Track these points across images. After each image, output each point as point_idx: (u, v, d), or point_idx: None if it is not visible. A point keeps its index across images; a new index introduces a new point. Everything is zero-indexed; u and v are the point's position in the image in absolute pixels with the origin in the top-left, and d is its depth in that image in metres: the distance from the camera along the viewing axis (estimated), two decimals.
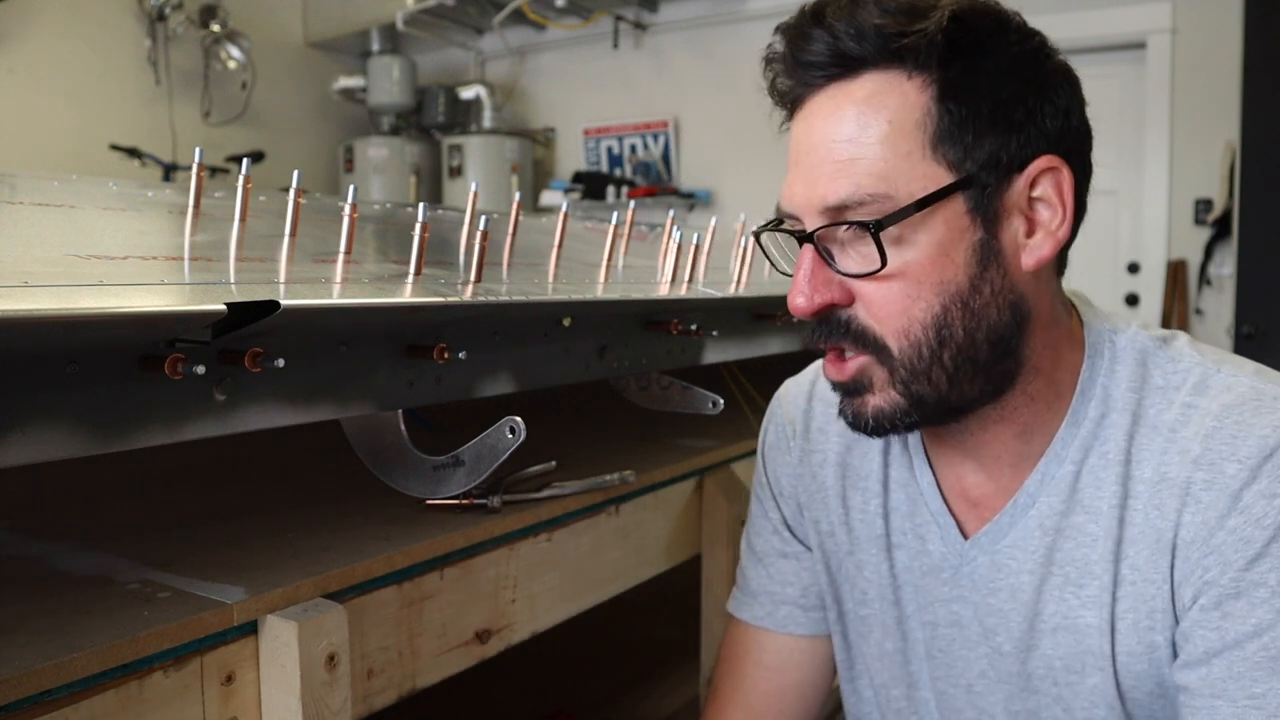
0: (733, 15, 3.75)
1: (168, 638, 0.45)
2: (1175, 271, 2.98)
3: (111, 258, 0.51)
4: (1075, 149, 0.55)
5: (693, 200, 3.83)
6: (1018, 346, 0.56)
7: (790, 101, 0.58)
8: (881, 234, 0.52)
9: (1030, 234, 0.55)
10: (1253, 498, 0.51)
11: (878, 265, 0.52)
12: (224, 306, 0.41)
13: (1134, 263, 3.09)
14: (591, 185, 3.91)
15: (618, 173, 4.04)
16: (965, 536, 0.62)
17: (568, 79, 4.23)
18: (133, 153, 3.47)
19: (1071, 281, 0.62)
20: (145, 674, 0.44)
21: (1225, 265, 2.86)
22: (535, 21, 3.93)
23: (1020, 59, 0.54)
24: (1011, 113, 0.53)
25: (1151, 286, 3.02)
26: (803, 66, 0.55)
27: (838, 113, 0.54)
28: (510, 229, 0.87)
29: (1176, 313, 2.96)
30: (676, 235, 0.85)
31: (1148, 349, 0.58)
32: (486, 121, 4.20)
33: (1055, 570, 0.58)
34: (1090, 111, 0.57)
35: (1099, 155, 0.58)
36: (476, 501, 0.65)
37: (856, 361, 0.56)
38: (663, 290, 0.82)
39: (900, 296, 0.54)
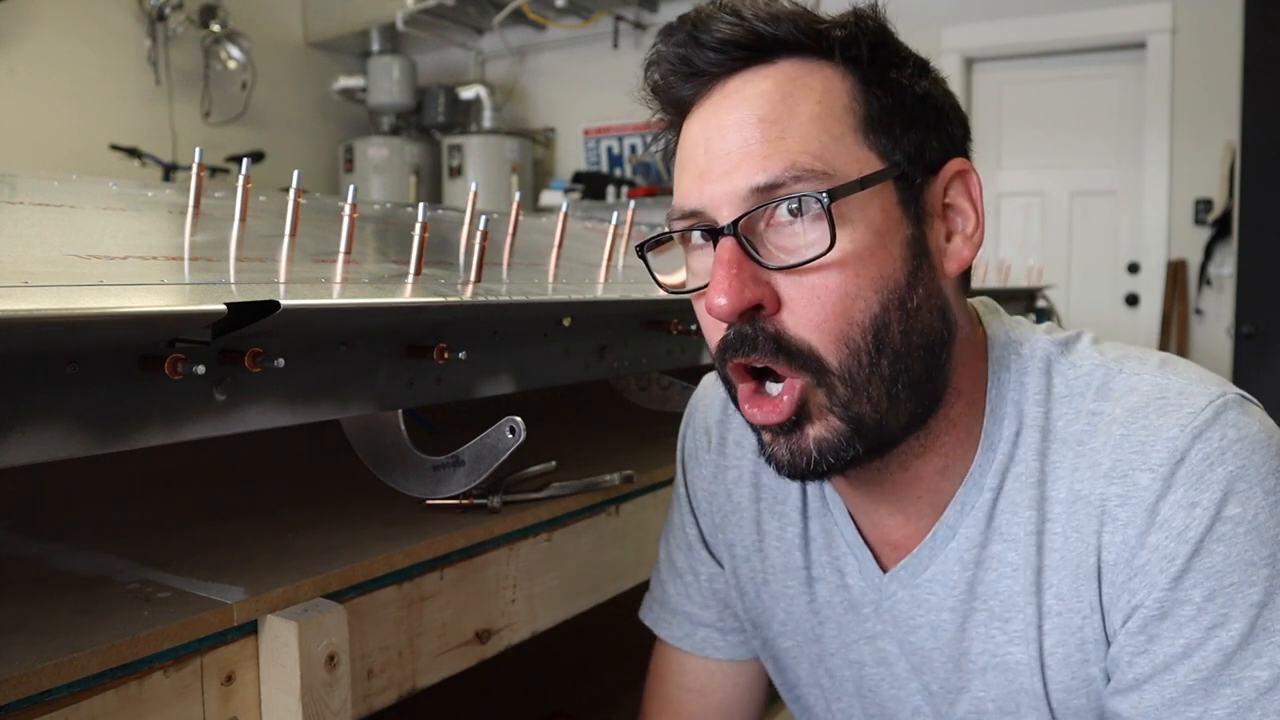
0: None
1: (168, 638, 0.45)
2: (1175, 271, 2.98)
3: (111, 258, 0.51)
4: (967, 157, 0.53)
5: None
6: (945, 361, 0.51)
7: (684, 104, 0.52)
8: (814, 221, 0.47)
9: (949, 238, 0.52)
10: (1170, 509, 0.47)
11: (823, 248, 0.46)
12: (224, 306, 0.41)
13: (1134, 263, 3.09)
14: (591, 185, 3.91)
15: (618, 173, 4.04)
16: (884, 570, 0.58)
17: (568, 79, 4.23)
18: (133, 153, 3.48)
19: (1072, 281, 0.61)
20: (145, 674, 0.44)
21: (1225, 265, 2.87)
22: (535, 21, 3.93)
23: (919, 63, 0.52)
24: (926, 111, 0.51)
25: (1151, 286, 3.02)
26: (711, 51, 0.50)
27: (757, 94, 0.49)
28: (510, 229, 0.87)
29: (1176, 313, 2.96)
30: None
31: (1051, 355, 0.54)
32: (486, 121, 4.20)
33: (979, 605, 0.54)
34: (1090, 111, 0.55)
35: (1100, 155, 0.56)
36: (477, 501, 0.65)
37: (792, 388, 0.49)
38: (662, 291, 0.82)
39: (838, 294, 0.47)
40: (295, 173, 0.64)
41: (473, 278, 0.62)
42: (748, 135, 0.48)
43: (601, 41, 4.00)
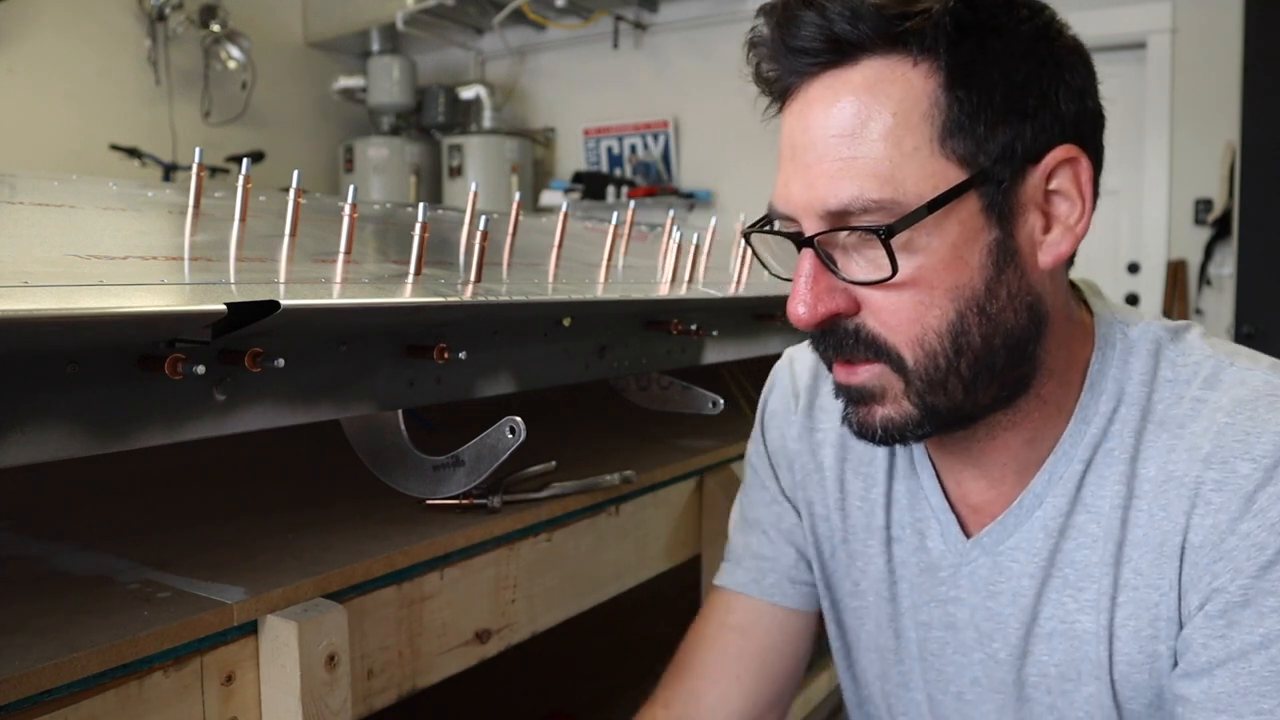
0: (733, 15, 3.74)
1: (168, 638, 0.45)
2: (1175, 271, 2.98)
3: (111, 258, 0.51)
4: (1090, 135, 0.51)
5: (693, 200, 3.82)
6: (1034, 350, 0.52)
7: (780, 90, 0.52)
8: (879, 241, 0.47)
9: (1047, 230, 0.51)
10: (1267, 500, 0.48)
11: (887, 273, 0.48)
12: (224, 306, 0.41)
13: (1134, 263, 3.09)
14: (591, 185, 3.91)
15: (618, 173, 4.04)
16: (967, 536, 0.59)
17: (568, 79, 4.23)
18: (133, 153, 3.48)
19: None
20: (145, 674, 0.44)
21: (1225, 265, 2.86)
22: (535, 21, 3.93)
23: (1032, 37, 0.49)
24: (1026, 98, 0.48)
25: (1151, 286, 3.02)
26: (793, 52, 0.49)
27: (835, 105, 0.49)
28: (510, 229, 0.87)
29: (1176, 313, 2.96)
30: (676, 235, 0.85)
31: (1161, 339, 0.55)
32: (486, 121, 4.20)
33: (1055, 572, 0.55)
34: None
35: None
36: (477, 501, 0.65)
37: (870, 369, 0.51)
38: (663, 290, 0.82)
39: (912, 304, 0.49)
40: (295, 173, 0.64)
41: (473, 278, 0.62)
42: (823, 152, 0.49)
43: (601, 41, 4.00)
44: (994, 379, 0.52)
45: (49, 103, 3.40)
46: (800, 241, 0.51)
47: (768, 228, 0.55)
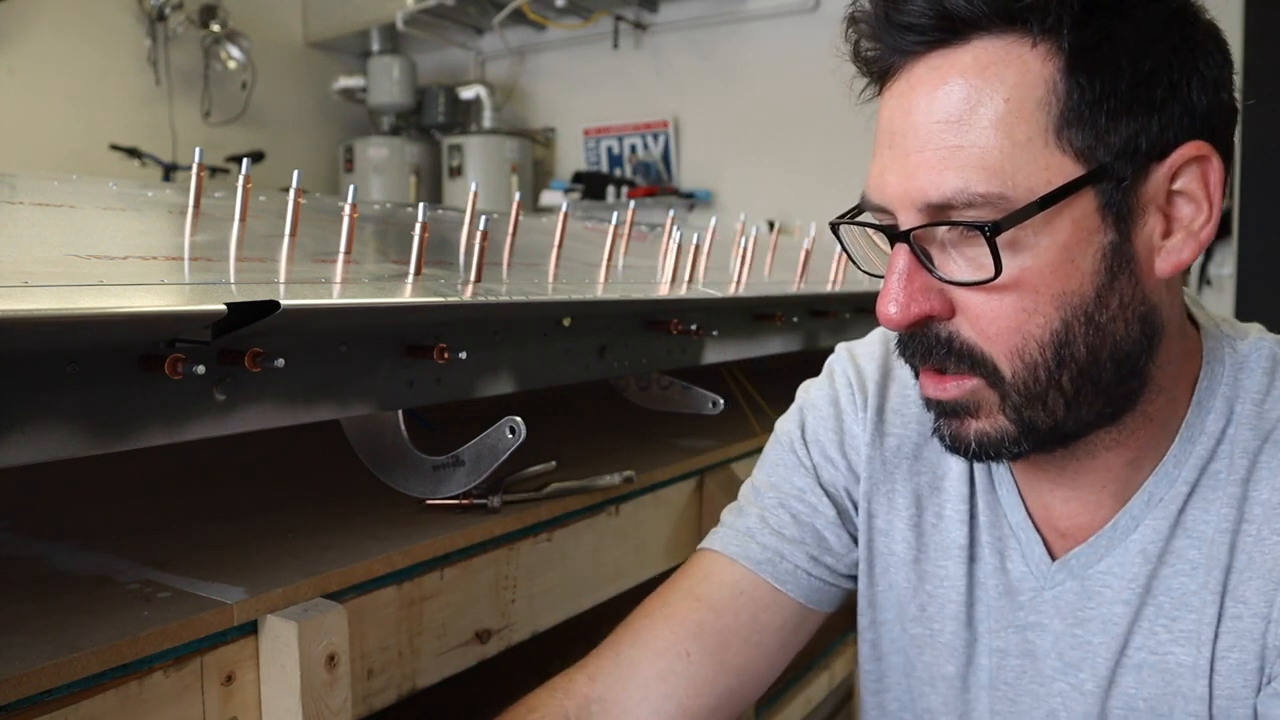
0: (733, 15, 3.74)
1: (168, 638, 0.45)
2: None
3: (111, 258, 0.51)
4: (1223, 131, 0.46)
5: (693, 200, 3.82)
6: (1145, 364, 0.48)
7: (880, 71, 0.48)
8: (981, 239, 0.43)
9: (1168, 234, 0.46)
10: None
11: (990, 274, 0.43)
12: (224, 306, 0.41)
13: None
14: (591, 185, 3.91)
15: (618, 173, 4.04)
16: (1052, 558, 0.55)
17: (568, 79, 4.23)
18: (133, 153, 3.47)
19: None
20: (145, 674, 0.44)
21: (1225, 265, 2.86)
22: (535, 21, 3.93)
23: (1165, 21, 0.44)
24: (1154, 88, 0.43)
25: None
26: (898, 29, 0.45)
27: (942, 87, 0.44)
28: (510, 229, 0.87)
29: None
30: (676, 235, 0.85)
31: (1277, 355, 0.51)
32: (486, 121, 4.20)
33: (1149, 600, 0.51)
34: None
35: None
36: (477, 501, 0.65)
37: (962, 383, 0.47)
38: (663, 290, 0.81)
39: (1014, 310, 0.45)
40: (295, 173, 0.64)
41: (473, 278, 0.61)
42: (925, 139, 0.45)
43: (601, 41, 4.00)
44: (1099, 395, 0.47)
45: (49, 103, 3.40)
46: (895, 236, 0.46)
47: (857, 218, 0.50)
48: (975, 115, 0.44)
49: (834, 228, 0.53)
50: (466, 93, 4.26)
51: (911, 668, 0.61)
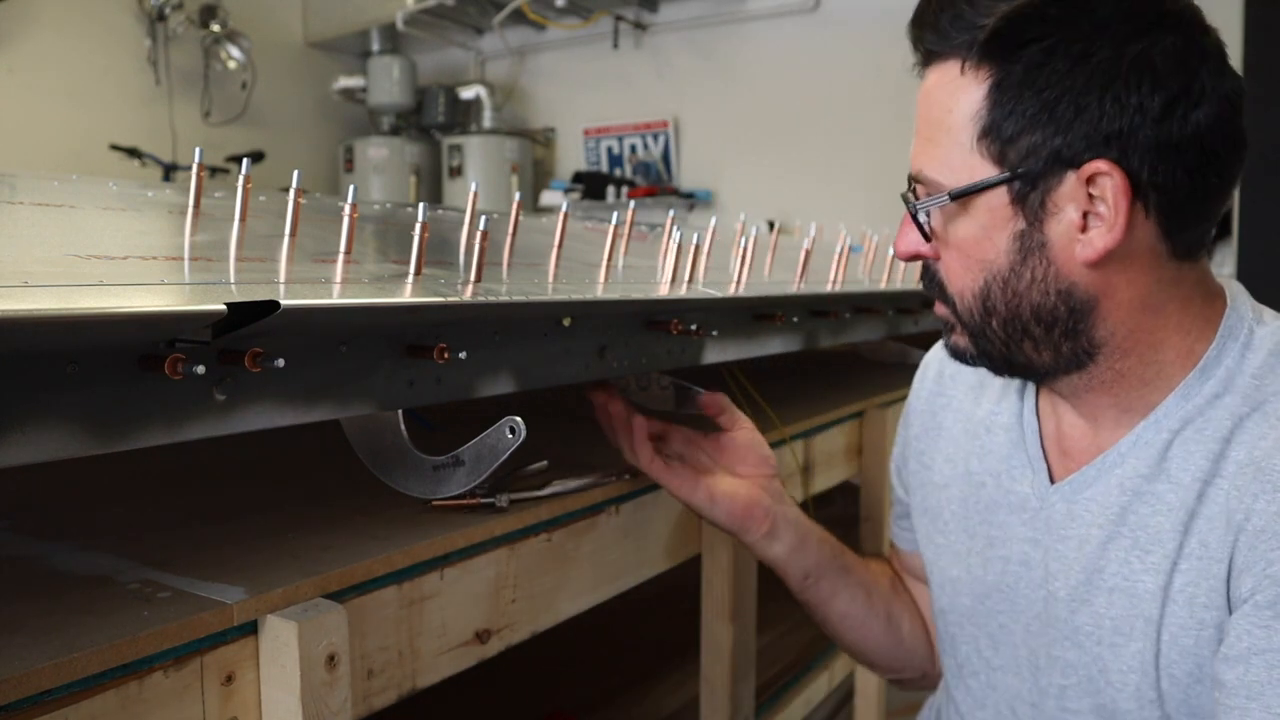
0: (733, 15, 3.74)
1: (168, 638, 0.45)
2: None
3: (111, 258, 0.51)
4: (1148, 153, 0.53)
5: (693, 200, 3.82)
6: (1084, 330, 0.58)
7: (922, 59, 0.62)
8: (938, 210, 0.59)
9: (1085, 229, 0.55)
10: None
11: (923, 240, 0.61)
12: (224, 306, 0.41)
13: None
14: (591, 185, 3.91)
15: (618, 173, 4.04)
16: (1053, 482, 0.65)
17: (568, 79, 4.23)
18: (133, 153, 3.48)
19: None
20: (145, 674, 0.44)
21: (1225, 265, 2.86)
22: (535, 21, 3.93)
23: (1080, 55, 0.52)
24: (1061, 111, 0.53)
25: None
26: (917, 43, 0.60)
27: (928, 92, 0.59)
28: (510, 229, 0.87)
29: None
30: (676, 235, 0.85)
31: None
32: (486, 121, 4.20)
33: (1125, 531, 0.59)
34: None
35: None
36: (483, 501, 0.65)
37: (941, 308, 0.64)
38: (663, 290, 0.81)
39: (957, 266, 0.60)
40: (295, 173, 0.64)
41: (473, 278, 0.62)
42: (920, 126, 0.60)
43: (601, 41, 4.00)
44: (1037, 344, 0.60)
45: (49, 103, 3.40)
46: (904, 193, 0.62)
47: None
48: (931, 116, 0.59)
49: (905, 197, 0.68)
50: (466, 93, 4.26)
51: (940, 571, 0.74)
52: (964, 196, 0.57)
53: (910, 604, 0.83)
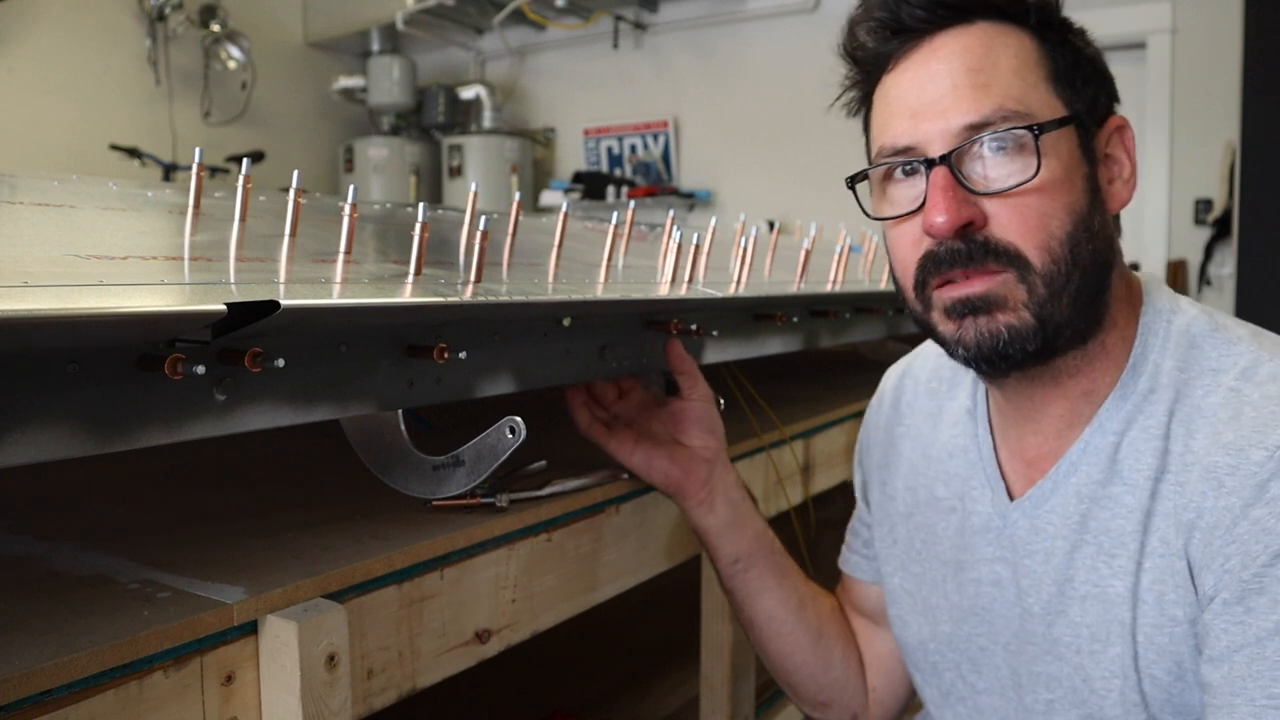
0: (732, 15, 3.74)
1: (168, 638, 0.45)
2: (1175, 271, 2.99)
3: (111, 258, 0.51)
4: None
5: (693, 200, 3.83)
6: (1108, 287, 0.59)
7: (883, 59, 0.60)
8: (1025, 148, 0.55)
9: (1110, 183, 0.60)
10: (1279, 490, 0.50)
11: (1031, 173, 0.55)
12: (224, 306, 0.40)
13: (1134, 263, 3.08)
14: (591, 185, 3.91)
15: (618, 173, 4.04)
16: (1012, 499, 0.65)
17: (568, 79, 4.23)
18: (133, 153, 3.48)
19: None
20: (145, 674, 0.44)
21: (1225, 265, 2.87)
22: (535, 21, 3.93)
23: (1081, 32, 0.60)
24: (1096, 71, 0.60)
25: None
26: (920, 9, 0.58)
27: (963, 47, 0.57)
28: (510, 229, 0.87)
29: None
30: (676, 235, 0.85)
31: (1203, 331, 0.59)
32: (486, 121, 4.20)
33: (1089, 539, 0.59)
34: None
35: None
36: (484, 501, 0.65)
37: (995, 277, 0.56)
38: (663, 290, 0.81)
39: (1039, 213, 0.56)
40: (295, 173, 0.64)
41: (473, 278, 0.61)
42: (958, 81, 0.56)
43: (601, 41, 4.00)
44: (1087, 304, 0.58)
45: (49, 103, 3.40)
46: (933, 162, 0.57)
47: (884, 164, 0.60)
48: (996, 64, 0.57)
49: (851, 183, 0.64)
50: (466, 93, 4.26)
51: (913, 606, 0.73)
52: (1064, 126, 0.56)
53: (849, 636, 0.81)
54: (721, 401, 0.84)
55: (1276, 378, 0.55)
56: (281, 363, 0.45)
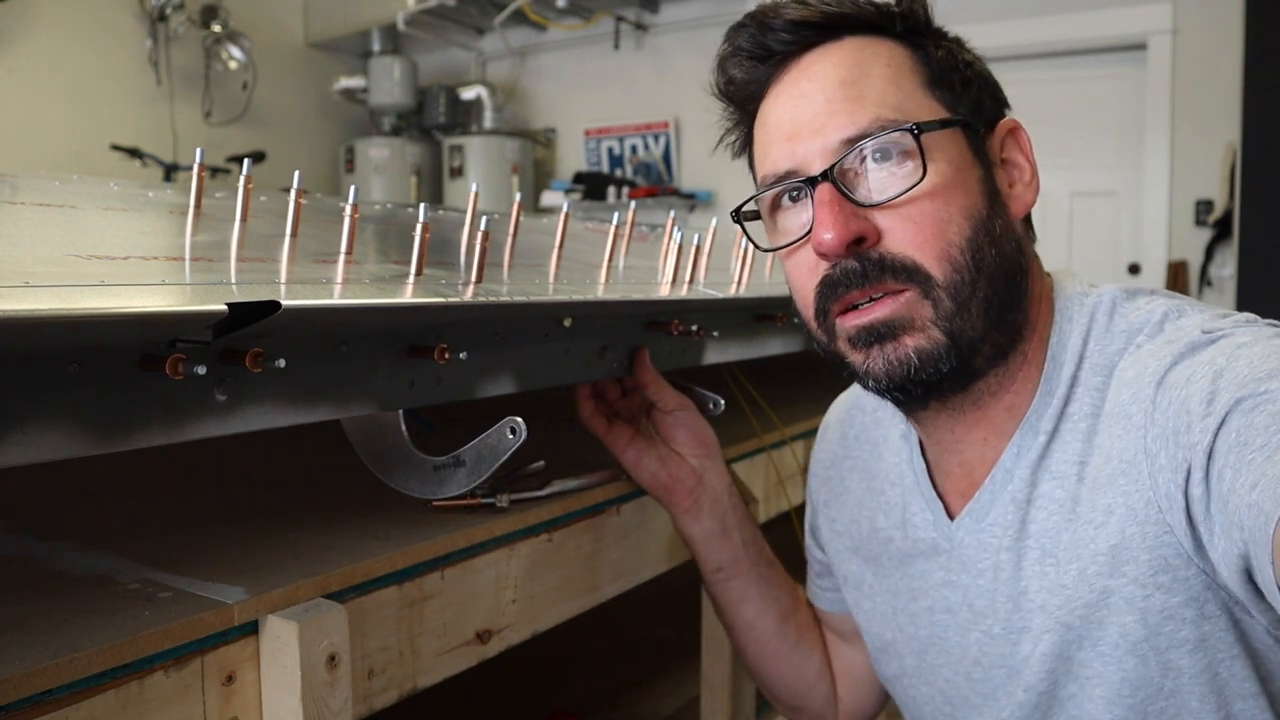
0: (734, 16, 3.73)
1: (168, 638, 0.45)
2: (1176, 272, 2.99)
3: (112, 258, 0.51)
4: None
5: (693, 201, 3.83)
6: (1024, 293, 0.57)
7: (757, 90, 0.60)
8: (907, 156, 0.53)
9: (1011, 186, 0.58)
10: (1176, 372, 0.49)
11: (916, 178, 0.52)
12: (225, 307, 0.40)
13: (1134, 264, 3.09)
14: (592, 186, 3.91)
15: (618, 173, 4.05)
16: (952, 518, 0.62)
17: (568, 79, 4.23)
18: (134, 153, 3.48)
19: None
20: (146, 674, 0.44)
21: (1226, 266, 2.86)
22: (536, 22, 3.93)
23: (956, 40, 0.60)
24: (975, 75, 0.58)
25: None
26: (783, 33, 0.56)
27: (832, 63, 0.56)
28: (511, 229, 0.87)
29: None
30: (677, 236, 0.85)
31: (1116, 300, 0.58)
32: (487, 122, 4.21)
33: (1031, 544, 0.57)
34: (1091, 112, 0.61)
35: (1100, 156, 0.61)
36: (484, 501, 0.65)
37: (897, 298, 0.53)
38: (663, 291, 0.81)
39: (934, 220, 0.53)
40: (296, 173, 0.64)
41: (474, 278, 0.61)
42: (831, 95, 0.55)
43: (603, 42, 4.00)
44: (999, 315, 0.55)
45: (50, 103, 3.40)
46: (812, 181, 0.54)
47: (771, 189, 0.58)
48: (868, 75, 0.55)
49: (736, 216, 0.63)
50: (467, 93, 4.26)
51: (886, 641, 0.70)
52: (943, 128, 0.54)
53: (821, 644, 0.80)
54: (722, 402, 0.84)
55: (1182, 329, 0.52)
56: (282, 363, 0.45)
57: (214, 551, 0.56)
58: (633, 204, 1.20)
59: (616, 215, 0.89)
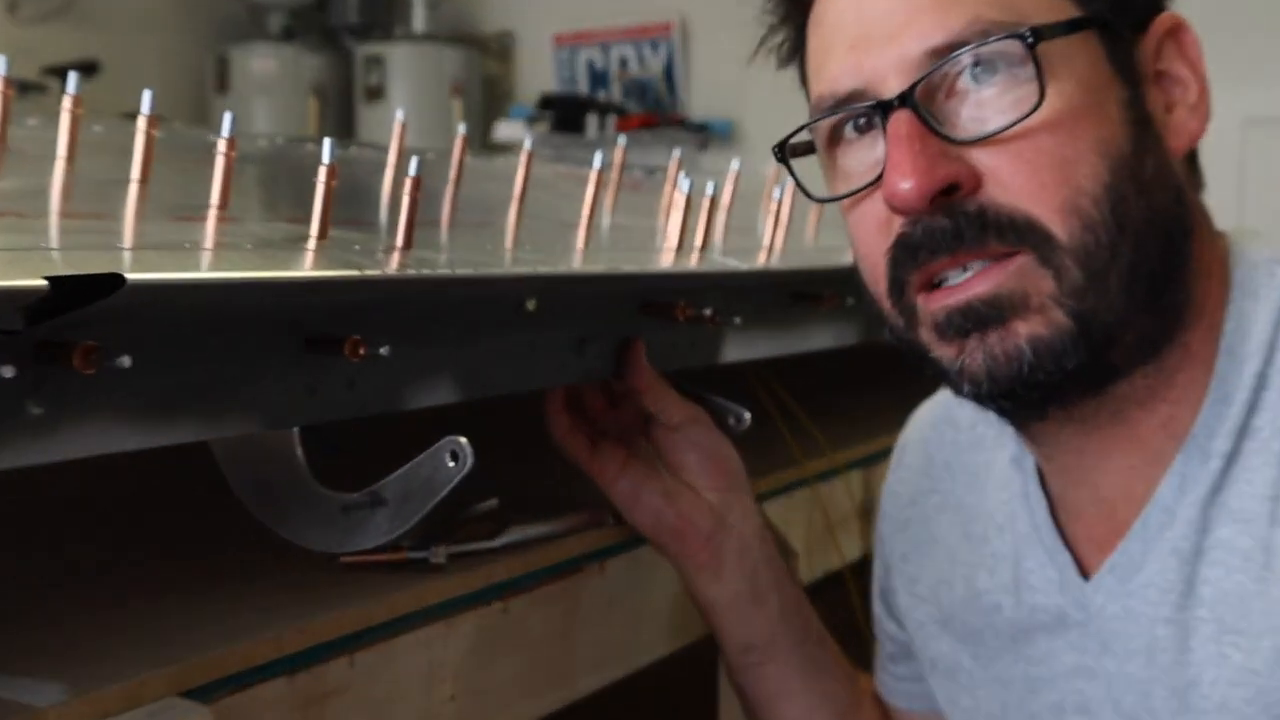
0: None
1: None
2: None
3: None
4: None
5: (706, 135, 3.84)
6: (1186, 261, 0.56)
7: None
8: (1022, 74, 0.52)
9: (1169, 110, 0.57)
10: None
11: (1030, 104, 0.51)
12: (44, 282, 0.40)
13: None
14: (565, 113, 3.92)
15: (602, 96, 4.06)
16: (1086, 576, 0.62)
17: None
18: None
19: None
20: None
21: None
22: None
23: None
24: None
25: None
26: None
27: None
28: (452, 174, 0.87)
29: None
30: (684, 184, 0.86)
31: None
32: (417, 23, 4.21)
33: (1204, 614, 0.56)
34: (1273, 9, 0.61)
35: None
36: (412, 556, 0.65)
37: (1006, 266, 0.52)
38: (665, 261, 0.82)
39: (1055, 158, 0.52)
40: (146, 93, 0.64)
41: (400, 243, 0.62)
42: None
43: None
44: (1151, 290, 0.54)
45: None
46: (885, 106, 0.53)
47: (823, 118, 0.58)
48: None
49: (780, 152, 0.63)
50: None
51: None
52: (1075, 32, 0.52)
53: None
54: (747, 415, 0.84)
55: None
56: (127, 361, 0.44)
57: (21, 633, 0.56)
58: (621, 139, 1.21)
59: (599, 155, 0.89)
